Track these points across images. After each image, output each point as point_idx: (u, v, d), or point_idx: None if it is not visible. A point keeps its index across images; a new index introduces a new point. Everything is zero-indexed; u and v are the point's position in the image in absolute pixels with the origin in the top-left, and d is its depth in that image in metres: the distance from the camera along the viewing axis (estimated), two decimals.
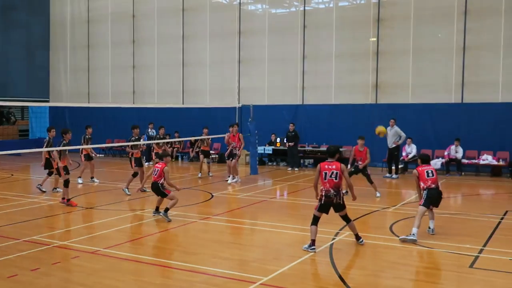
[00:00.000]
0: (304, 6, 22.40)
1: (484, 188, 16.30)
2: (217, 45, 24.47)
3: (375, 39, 20.93)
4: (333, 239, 9.20)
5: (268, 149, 21.56)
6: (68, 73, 29.32)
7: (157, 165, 10.87)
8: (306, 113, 22.34)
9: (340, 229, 9.85)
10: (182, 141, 23.85)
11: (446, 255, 8.29)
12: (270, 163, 22.40)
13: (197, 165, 22.16)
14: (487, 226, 10.28)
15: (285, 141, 20.72)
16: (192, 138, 20.83)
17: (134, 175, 14.35)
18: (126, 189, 14.08)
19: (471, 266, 7.70)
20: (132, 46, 26.79)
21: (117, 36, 27.27)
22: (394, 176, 17.96)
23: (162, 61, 26.02)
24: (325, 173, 8.52)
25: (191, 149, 23.82)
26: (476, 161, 18.67)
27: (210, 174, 18.43)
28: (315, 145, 21.52)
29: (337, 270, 7.47)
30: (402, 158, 19.23)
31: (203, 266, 7.68)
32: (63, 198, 12.47)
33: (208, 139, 18.59)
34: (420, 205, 9.38)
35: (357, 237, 8.97)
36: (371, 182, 13.90)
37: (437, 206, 9.60)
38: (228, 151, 16.60)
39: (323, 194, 8.53)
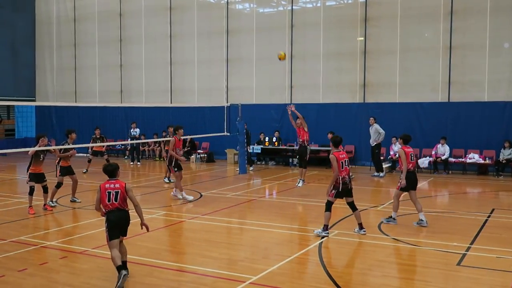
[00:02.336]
0: (292, 6, 22.42)
1: (471, 187, 16.45)
2: (205, 44, 24.41)
3: (362, 38, 21.02)
4: (322, 238, 9.22)
5: (257, 148, 21.56)
6: (54, 72, 29.05)
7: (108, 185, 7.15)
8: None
9: (329, 228, 9.88)
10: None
11: (434, 253, 8.36)
12: (259, 162, 22.40)
13: (186, 165, 22.13)
14: (474, 224, 10.38)
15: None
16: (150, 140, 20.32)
17: (58, 186, 12.34)
18: (51, 202, 12.30)
19: (458, 264, 7.78)
20: (119, 44, 26.62)
21: (104, 34, 27.07)
22: (381, 174, 18.07)
23: (149, 60, 25.89)
24: (342, 162, 9.28)
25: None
26: (463, 159, 18.84)
27: (171, 180, 16.37)
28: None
29: (326, 268, 7.50)
30: (390, 156, 19.36)
31: (192, 266, 7.67)
32: (44, 204, 11.95)
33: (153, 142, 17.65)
34: (397, 189, 10.20)
35: (360, 227, 9.47)
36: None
37: (414, 189, 10.24)
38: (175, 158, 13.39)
39: (341, 181, 9.24)
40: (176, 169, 13.23)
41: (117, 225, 6.95)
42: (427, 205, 12.12)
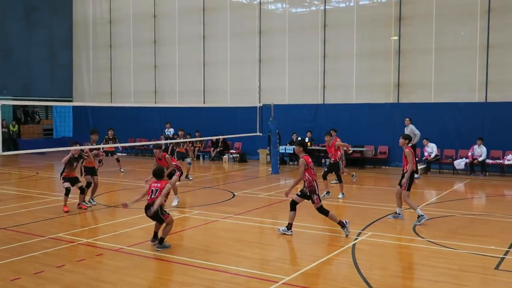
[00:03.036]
0: (325, 5, 22.30)
1: (509, 189, 16.02)
2: (238, 44, 24.52)
3: (396, 37, 20.74)
4: (356, 239, 9.15)
5: (289, 149, 21.52)
6: (91, 73, 29.69)
7: (154, 184, 8.56)
8: (326, 112, 22.25)
9: (363, 229, 9.80)
10: (203, 140, 23.96)
11: (470, 256, 8.19)
12: (291, 163, 22.36)
13: (219, 165, 22.30)
14: None
15: None
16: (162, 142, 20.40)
17: (87, 185, 12.43)
18: (89, 201, 12.60)
19: (496, 268, 7.60)
20: (154, 46, 27.00)
21: (139, 36, 27.52)
22: (416, 176, 17.78)
23: (183, 61, 26.17)
24: (311, 166, 9.40)
25: (212, 149, 23.94)
26: (501, 161, 18.38)
27: (190, 178, 17.07)
28: None
29: (360, 270, 7.44)
30: (424, 158, 19.05)
31: (225, 265, 7.72)
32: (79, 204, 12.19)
33: (186, 142, 17.72)
34: (407, 190, 10.38)
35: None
36: (340, 180, 13.87)
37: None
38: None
39: (316, 184, 9.39)
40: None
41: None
42: (464, 208, 11.87)
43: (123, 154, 24.75)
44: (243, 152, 23.59)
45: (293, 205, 9.59)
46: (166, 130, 22.49)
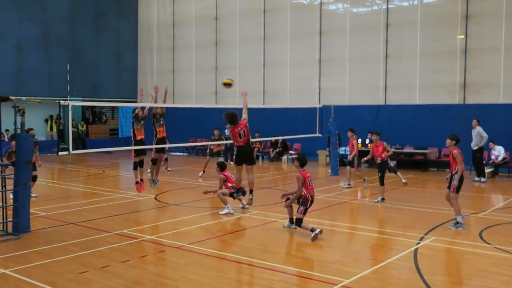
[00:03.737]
0: (387, 4, 21.85)
1: None
2: (298, 45, 24.48)
3: (462, 36, 20.01)
4: (418, 243, 8.92)
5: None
6: (154, 75, 30.57)
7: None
8: (388, 113, 21.79)
9: (425, 234, 9.54)
10: (262, 141, 24.09)
11: None
12: None
13: (278, 165, 22.37)
14: None
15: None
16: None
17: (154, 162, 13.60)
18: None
19: None
20: (215, 47, 27.44)
21: (201, 38, 28.05)
22: (482, 179, 17.11)
23: (243, 62, 26.43)
24: (309, 181, 9.51)
25: (271, 149, 24.04)
26: None
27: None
28: (398, 146, 20.95)
29: (422, 275, 7.24)
30: (491, 161, 18.27)
31: (283, 265, 7.73)
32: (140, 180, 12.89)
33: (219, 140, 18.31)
34: (456, 192, 10.03)
35: (291, 221, 9.94)
36: (382, 183, 13.34)
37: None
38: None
39: (310, 199, 9.54)
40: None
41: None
42: None
43: (184, 154, 25.27)
44: (302, 153, 23.47)
45: (299, 222, 9.58)
46: (226, 131, 22.77)
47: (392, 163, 14.49)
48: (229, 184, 11.74)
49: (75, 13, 28.92)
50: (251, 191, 11.05)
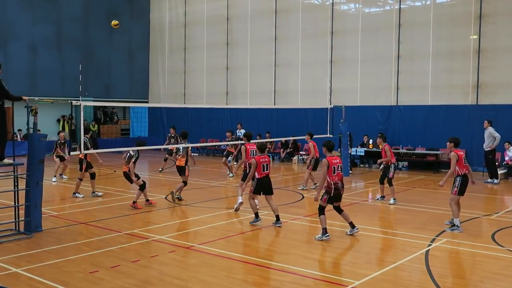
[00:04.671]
0: (400, 4, 21.71)
1: None
2: (309, 45, 24.40)
3: (476, 36, 19.82)
4: (429, 245, 8.84)
5: (360, 151, 21.15)
6: (166, 75, 30.69)
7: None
8: (400, 114, 21.66)
9: (437, 235, 9.45)
10: (273, 141, 24.06)
11: None
12: (362, 165, 21.96)
13: (288, 166, 22.33)
14: None
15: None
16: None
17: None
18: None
19: None
20: (226, 48, 27.46)
21: (212, 38, 28.10)
22: (495, 181, 16.93)
23: (254, 62, 26.43)
24: (334, 167, 9.13)
25: (282, 150, 24.00)
26: None
27: (231, 175, 18.43)
28: (409, 147, 20.81)
29: (434, 278, 7.17)
30: (505, 162, 18.08)
31: (294, 267, 7.70)
32: (134, 202, 12.40)
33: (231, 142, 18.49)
34: (455, 194, 9.90)
35: (352, 225, 9.47)
36: (381, 182, 13.46)
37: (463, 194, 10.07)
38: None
39: (333, 187, 9.12)
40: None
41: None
42: None
43: (195, 154, 25.27)
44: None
45: (322, 210, 9.37)
46: (237, 131, 22.80)
47: (398, 167, 13.84)
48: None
49: (88, 14, 29.11)
50: (278, 218, 10.51)
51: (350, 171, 19.22)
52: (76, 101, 11.63)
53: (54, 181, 16.74)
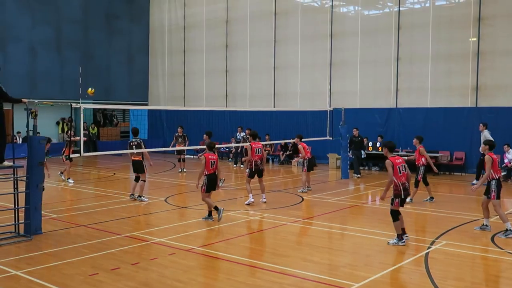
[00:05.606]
0: (399, 7, 21.75)
1: None
2: (308, 48, 24.43)
3: (475, 39, 19.86)
4: (429, 247, 8.84)
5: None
6: (165, 78, 30.71)
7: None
8: (399, 116, 21.68)
9: (437, 238, 9.46)
10: (272, 144, 24.07)
11: None
12: (361, 168, 21.93)
13: (288, 168, 22.33)
14: None
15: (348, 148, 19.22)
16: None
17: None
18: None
19: None
20: (225, 50, 27.49)
21: (211, 41, 28.13)
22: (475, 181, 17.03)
23: (254, 65, 26.45)
24: (399, 167, 8.88)
25: (281, 152, 24.00)
26: None
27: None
28: (409, 150, 20.81)
29: (433, 280, 7.18)
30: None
31: (293, 269, 7.70)
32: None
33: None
34: (494, 198, 9.66)
35: (403, 231, 9.06)
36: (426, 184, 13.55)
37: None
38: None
39: (401, 188, 8.86)
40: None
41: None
42: None
43: (194, 156, 25.29)
44: (312, 156, 23.41)
45: (395, 215, 9.05)
46: (237, 134, 22.83)
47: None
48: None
49: (88, 16, 29.12)
50: (210, 213, 11.18)
51: (359, 175, 19.06)
52: (76, 103, 11.64)
53: (71, 182, 16.92)
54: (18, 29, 26.22)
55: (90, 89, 17.07)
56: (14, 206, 9.70)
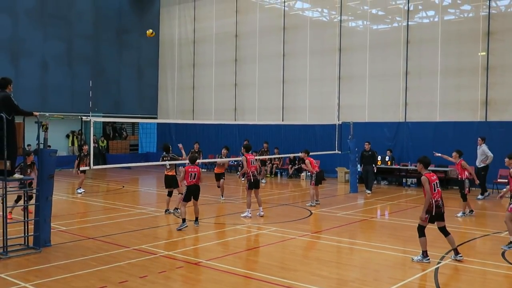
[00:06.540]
0: (408, 22, 21.81)
1: None
2: (317, 62, 24.52)
3: (484, 53, 19.84)
4: (439, 263, 8.76)
5: None
6: (175, 91, 30.92)
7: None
8: (408, 130, 21.63)
9: (446, 253, 9.37)
10: (281, 157, 24.06)
11: None
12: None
13: (297, 182, 22.27)
14: None
15: (357, 163, 18.96)
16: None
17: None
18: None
19: None
20: (235, 64, 27.65)
21: (221, 55, 28.32)
22: (479, 196, 16.92)
23: (262, 79, 26.56)
24: (434, 184, 8.72)
25: (290, 166, 23.97)
26: None
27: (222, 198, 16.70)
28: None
29: None
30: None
31: (301, 283, 7.66)
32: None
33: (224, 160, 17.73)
34: (510, 211, 9.54)
35: (456, 252, 8.91)
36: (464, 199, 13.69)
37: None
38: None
39: (434, 204, 8.71)
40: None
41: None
42: None
43: (203, 170, 25.33)
44: (321, 169, 23.36)
45: (421, 230, 8.89)
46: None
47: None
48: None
49: (99, 30, 29.49)
50: (196, 219, 12.00)
51: (369, 192, 18.88)
52: (86, 116, 11.75)
53: (81, 192, 17.41)
54: (31, 44, 26.59)
55: (150, 31, 16.75)
56: (24, 219, 9.75)
